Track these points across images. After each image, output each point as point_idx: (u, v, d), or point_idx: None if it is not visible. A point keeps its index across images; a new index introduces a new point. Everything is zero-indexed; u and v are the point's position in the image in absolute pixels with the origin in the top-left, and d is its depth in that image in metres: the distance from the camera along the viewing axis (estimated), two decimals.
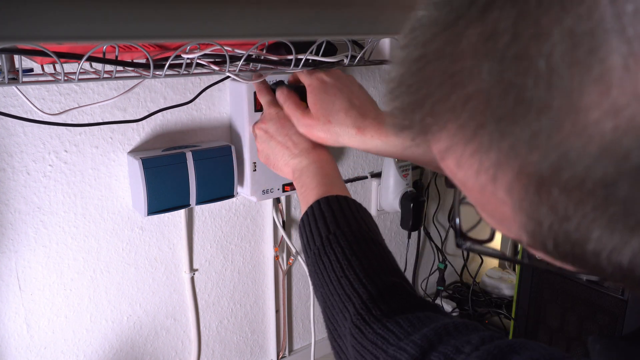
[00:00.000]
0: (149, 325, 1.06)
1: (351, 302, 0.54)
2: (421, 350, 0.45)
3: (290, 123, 0.81)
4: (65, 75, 0.62)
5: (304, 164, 0.75)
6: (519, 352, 0.39)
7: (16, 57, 0.60)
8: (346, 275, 0.56)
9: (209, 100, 1.01)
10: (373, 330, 0.50)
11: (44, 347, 0.94)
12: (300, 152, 0.78)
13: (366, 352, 0.50)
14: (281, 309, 1.28)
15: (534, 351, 0.39)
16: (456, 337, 0.45)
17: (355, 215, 0.63)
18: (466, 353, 0.42)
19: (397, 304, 0.53)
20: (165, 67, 0.67)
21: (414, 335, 0.47)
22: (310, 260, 0.62)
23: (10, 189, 0.84)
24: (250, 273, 1.19)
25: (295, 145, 0.78)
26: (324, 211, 0.63)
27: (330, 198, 0.64)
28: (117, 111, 0.91)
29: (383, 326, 0.50)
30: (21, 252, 0.87)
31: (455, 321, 0.48)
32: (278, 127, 0.82)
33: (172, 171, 0.90)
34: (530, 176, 0.24)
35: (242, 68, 0.76)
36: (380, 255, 0.60)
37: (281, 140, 0.81)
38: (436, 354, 0.44)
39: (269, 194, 1.04)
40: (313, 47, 0.77)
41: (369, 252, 0.59)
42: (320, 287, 0.60)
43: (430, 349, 0.45)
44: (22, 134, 0.83)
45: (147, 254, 1.02)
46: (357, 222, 0.62)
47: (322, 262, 0.59)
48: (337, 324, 0.56)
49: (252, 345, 1.25)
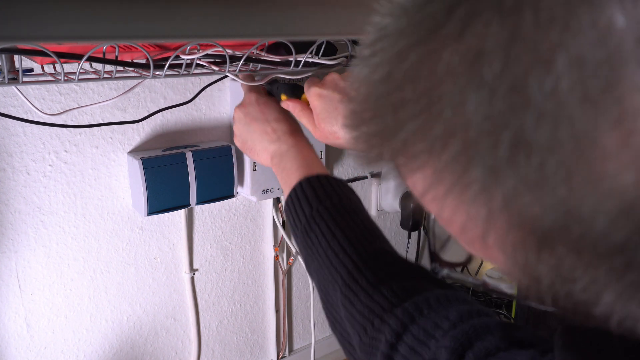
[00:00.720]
0: (149, 325, 1.06)
1: (338, 273, 0.55)
2: (402, 324, 0.47)
3: (270, 109, 0.82)
4: (65, 75, 0.62)
5: (283, 149, 0.76)
6: (491, 333, 0.40)
7: (16, 57, 0.60)
8: (332, 248, 0.57)
9: (208, 100, 1.01)
10: (360, 300, 0.52)
11: (44, 347, 0.94)
12: (278, 137, 0.78)
13: (355, 322, 0.51)
14: (281, 309, 1.28)
15: (508, 336, 0.39)
16: (437, 311, 0.46)
17: (337, 189, 0.64)
18: (444, 329, 0.43)
19: (383, 271, 0.55)
20: (165, 67, 0.67)
21: (396, 309, 0.48)
22: (299, 240, 0.64)
23: (10, 189, 0.84)
24: (250, 273, 1.19)
25: (274, 131, 0.79)
26: (306, 190, 0.64)
27: (311, 178, 0.65)
28: (117, 111, 0.91)
29: (369, 297, 0.51)
30: (21, 252, 0.87)
31: (437, 293, 0.49)
32: (258, 112, 0.82)
33: (172, 171, 0.90)
34: (529, 230, 0.20)
35: (241, 68, 0.76)
36: (364, 224, 0.62)
37: (260, 125, 0.81)
38: (416, 328, 0.45)
39: (269, 193, 1.04)
40: (313, 47, 0.77)
41: (351, 222, 0.61)
42: (311, 263, 0.61)
43: (411, 322, 0.46)
44: (22, 134, 0.83)
45: (147, 254, 1.02)
46: (339, 196, 0.63)
47: (310, 238, 0.60)
48: (329, 295, 0.57)
49: (252, 345, 1.25)
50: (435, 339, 0.43)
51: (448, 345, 0.41)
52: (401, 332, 0.46)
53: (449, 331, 0.43)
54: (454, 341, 0.41)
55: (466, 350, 0.40)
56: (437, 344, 0.43)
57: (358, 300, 0.52)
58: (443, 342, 0.42)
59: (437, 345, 0.43)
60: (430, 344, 0.43)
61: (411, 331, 0.45)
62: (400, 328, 0.46)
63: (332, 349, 1.41)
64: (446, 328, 0.44)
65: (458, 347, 0.40)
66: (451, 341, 0.41)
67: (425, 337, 0.44)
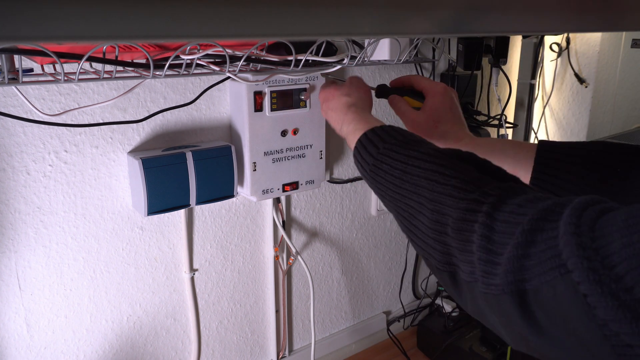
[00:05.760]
0: (149, 325, 1.06)
1: (426, 173, 0.50)
2: (502, 194, 0.41)
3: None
4: (65, 75, 0.62)
5: (358, 109, 0.76)
6: None
7: (16, 57, 0.60)
8: (410, 163, 0.52)
9: (209, 100, 1.01)
10: (454, 177, 0.46)
11: (44, 347, 0.94)
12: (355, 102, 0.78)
13: (449, 199, 0.46)
14: (281, 309, 1.28)
15: None
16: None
17: (403, 132, 0.62)
18: None
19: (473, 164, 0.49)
20: (165, 68, 0.67)
21: (496, 183, 0.44)
22: (371, 173, 0.60)
23: (10, 189, 0.84)
24: (250, 273, 1.19)
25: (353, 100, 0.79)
26: (378, 133, 0.63)
27: (377, 128, 0.64)
28: (117, 111, 0.91)
29: (463, 177, 0.45)
30: (21, 252, 0.88)
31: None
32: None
33: (172, 171, 0.90)
34: None
35: (242, 68, 0.76)
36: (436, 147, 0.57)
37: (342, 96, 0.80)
38: (519, 199, 0.40)
39: (269, 193, 1.04)
40: (313, 47, 0.77)
41: (423, 145, 0.57)
42: (398, 190, 0.55)
43: (513, 195, 0.41)
44: (22, 134, 0.83)
45: (147, 254, 1.02)
46: (403, 134, 0.61)
47: (381, 167, 0.57)
48: (440, 213, 0.48)
49: (252, 345, 1.25)
50: None
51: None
52: (504, 199, 0.41)
53: None
54: None
55: (588, 207, 0.35)
56: None
57: (451, 179, 0.46)
58: None
59: None
60: None
61: (514, 201, 0.40)
62: (502, 196, 0.41)
63: (332, 349, 1.42)
64: None
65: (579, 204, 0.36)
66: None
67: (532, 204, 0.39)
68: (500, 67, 1.45)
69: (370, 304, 1.49)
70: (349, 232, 1.36)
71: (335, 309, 1.40)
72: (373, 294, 1.49)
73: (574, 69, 1.59)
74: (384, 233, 1.45)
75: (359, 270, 1.43)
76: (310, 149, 1.08)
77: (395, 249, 1.50)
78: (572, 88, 1.62)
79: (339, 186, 1.31)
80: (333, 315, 1.41)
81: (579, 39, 1.58)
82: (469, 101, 1.47)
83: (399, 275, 1.54)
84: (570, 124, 1.65)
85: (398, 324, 1.56)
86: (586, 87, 1.58)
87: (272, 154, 1.02)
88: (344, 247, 1.37)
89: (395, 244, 1.50)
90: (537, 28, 0.69)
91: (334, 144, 1.26)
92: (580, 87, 1.59)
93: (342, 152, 1.29)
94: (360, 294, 1.45)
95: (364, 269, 1.44)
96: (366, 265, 1.44)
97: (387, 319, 1.54)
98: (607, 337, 0.30)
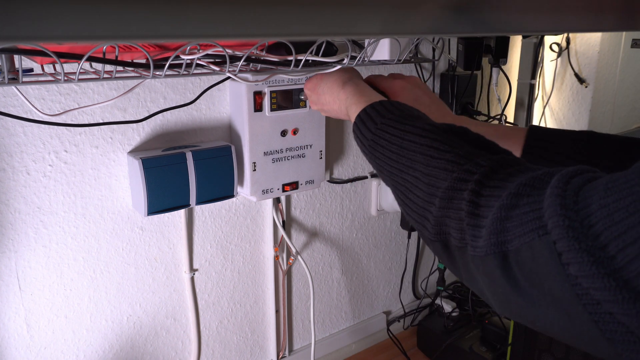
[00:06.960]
0: (149, 325, 1.06)
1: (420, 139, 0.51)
2: (493, 164, 0.43)
3: None
4: (65, 75, 0.62)
5: (355, 83, 0.76)
6: None
7: (16, 57, 0.60)
8: (407, 138, 0.53)
9: (209, 100, 1.01)
10: (445, 149, 0.48)
11: (44, 347, 0.94)
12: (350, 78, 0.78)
13: (440, 169, 0.47)
14: (281, 309, 1.28)
15: None
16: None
17: (401, 106, 0.62)
18: None
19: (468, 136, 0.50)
20: (165, 68, 0.67)
21: (487, 155, 0.45)
22: (370, 148, 0.60)
23: (10, 189, 0.84)
24: (250, 273, 1.19)
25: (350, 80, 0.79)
26: (376, 108, 0.63)
27: (375, 103, 0.64)
28: (117, 111, 0.91)
29: (454, 149, 0.47)
30: (21, 252, 0.88)
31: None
32: None
33: (172, 171, 0.90)
34: None
35: (242, 68, 0.76)
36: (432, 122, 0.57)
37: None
38: (509, 169, 0.41)
39: (269, 193, 1.04)
40: (313, 47, 0.77)
41: (420, 120, 0.57)
42: (395, 164, 0.56)
43: (505, 166, 0.42)
44: (22, 134, 0.83)
45: (147, 254, 1.02)
46: (401, 109, 0.61)
47: (379, 143, 0.57)
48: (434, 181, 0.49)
49: (252, 345, 1.25)
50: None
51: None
52: (496, 169, 0.42)
53: None
54: None
55: (575, 176, 0.36)
56: None
57: (445, 153, 0.47)
58: None
59: None
60: None
61: (505, 170, 0.41)
62: (494, 166, 0.42)
63: (332, 349, 1.42)
64: None
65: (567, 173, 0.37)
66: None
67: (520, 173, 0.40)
68: (500, 67, 1.45)
69: (370, 304, 1.49)
70: (349, 232, 1.36)
71: (335, 309, 1.40)
72: (373, 294, 1.49)
73: (574, 69, 1.59)
74: (384, 233, 1.45)
75: (359, 270, 1.43)
76: (310, 149, 1.08)
77: (395, 249, 1.50)
78: (572, 88, 1.62)
79: (339, 186, 1.31)
80: (333, 315, 1.41)
81: (578, 39, 1.58)
82: (469, 101, 1.47)
83: (399, 275, 1.54)
84: (570, 124, 1.65)
85: (398, 324, 1.56)
86: (586, 87, 1.58)
87: (272, 154, 1.02)
88: (344, 247, 1.37)
89: (395, 244, 1.50)
90: (537, 28, 0.70)
91: (334, 144, 1.26)
92: (580, 87, 1.59)
93: (342, 152, 1.29)
94: (360, 294, 1.45)
95: (364, 269, 1.44)
96: (366, 265, 1.44)
97: (387, 319, 1.54)
98: (579, 295, 0.31)
